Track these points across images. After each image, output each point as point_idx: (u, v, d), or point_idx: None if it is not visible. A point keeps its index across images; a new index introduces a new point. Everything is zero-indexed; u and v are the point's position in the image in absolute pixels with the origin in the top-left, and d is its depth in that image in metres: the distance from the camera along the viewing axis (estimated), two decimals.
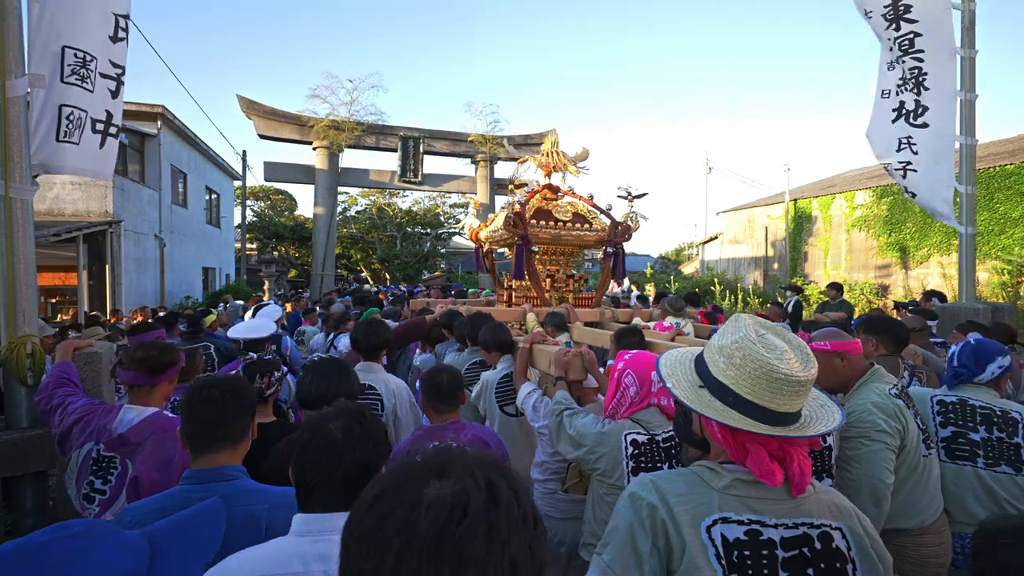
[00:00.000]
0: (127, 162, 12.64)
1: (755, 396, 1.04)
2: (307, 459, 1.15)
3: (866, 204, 18.12)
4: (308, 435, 1.18)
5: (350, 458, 1.15)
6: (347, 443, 1.16)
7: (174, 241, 14.59)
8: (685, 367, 1.19)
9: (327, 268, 15.93)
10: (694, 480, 1.09)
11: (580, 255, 5.47)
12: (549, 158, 5.06)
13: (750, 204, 23.86)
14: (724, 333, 1.14)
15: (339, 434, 1.17)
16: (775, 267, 21.83)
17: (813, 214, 20.62)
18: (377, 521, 0.55)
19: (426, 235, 31.11)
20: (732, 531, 1.01)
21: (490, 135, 16.22)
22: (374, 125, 15.53)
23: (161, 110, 13.15)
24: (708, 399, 1.09)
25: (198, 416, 1.44)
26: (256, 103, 14.63)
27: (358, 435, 1.18)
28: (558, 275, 5.05)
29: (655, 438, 1.86)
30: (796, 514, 1.04)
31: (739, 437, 1.06)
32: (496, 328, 3.08)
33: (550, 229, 4.74)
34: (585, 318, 4.42)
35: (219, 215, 19.38)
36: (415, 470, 0.60)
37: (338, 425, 1.18)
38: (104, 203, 10.93)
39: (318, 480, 1.14)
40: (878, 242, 17.33)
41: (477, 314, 3.59)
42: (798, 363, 1.06)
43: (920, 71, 5.34)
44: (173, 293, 14.34)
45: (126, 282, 11.47)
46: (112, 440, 1.82)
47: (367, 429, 1.21)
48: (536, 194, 4.92)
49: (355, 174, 16.44)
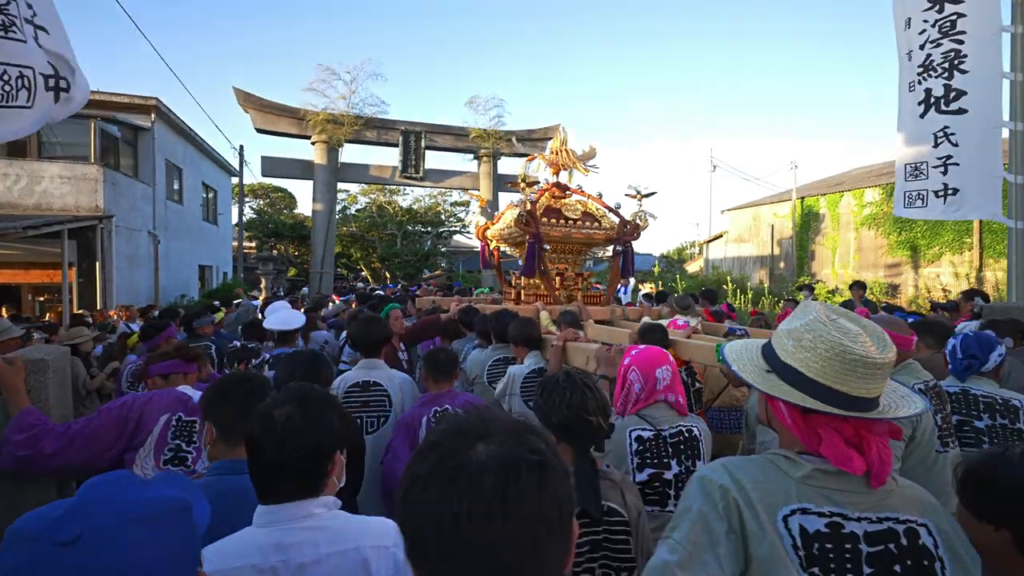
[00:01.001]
0: (119, 156, 12.27)
1: (826, 378, 1.01)
2: (254, 449, 1.14)
3: (875, 202, 18.08)
4: (255, 424, 1.16)
5: (291, 444, 1.11)
6: (288, 429, 1.13)
7: (169, 238, 14.21)
8: (751, 353, 1.17)
9: (326, 267, 15.54)
10: (769, 468, 1.05)
11: (587, 253, 5.47)
12: (557, 156, 5.01)
13: (756, 202, 23.73)
14: (792, 318, 1.11)
15: (280, 420, 1.14)
16: (781, 266, 21.69)
17: (821, 212, 20.57)
18: (440, 489, 0.59)
19: (427, 234, 30.91)
20: (812, 523, 0.97)
21: (493, 130, 15.82)
22: (374, 119, 15.14)
23: (155, 103, 12.77)
24: (776, 382, 1.07)
25: (239, 408, 1.44)
26: (253, 96, 14.24)
27: (299, 421, 1.14)
28: (567, 273, 5.03)
29: (661, 433, 1.87)
30: (880, 508, 1.00)
31: (811, 422, 1.03)
32: (526, 323, 3.12)
33: (560, 227, 4.71)
34: (596, 316, 4.42)
35: (216, 212, 18.99)
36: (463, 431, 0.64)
37: (283, 412, 1.15)
38: (94, 197, 10.55)
39: (267, 470, 1.12)
40: (888, 240, 17.13)
41: (503, 311, 3.61)
42: (874, 346, 1.02)
43: (958, 53, 4.97)
44: (168, 291, 13.96)
45: (118, 280, 11.10)
46: (193, 407, 1.98)
47: (311, 413, 1.17)
48: (545, 192, 4.90)
49: (355, 170, 16.03)
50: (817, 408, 1.00)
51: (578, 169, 5.03)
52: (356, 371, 2.68)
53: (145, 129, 12.95)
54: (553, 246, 4.86)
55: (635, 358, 1.97)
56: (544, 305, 4.46)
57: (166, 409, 1.97)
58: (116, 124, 12.06)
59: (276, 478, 1.12)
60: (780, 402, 1.06)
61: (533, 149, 16.98)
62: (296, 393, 1.22)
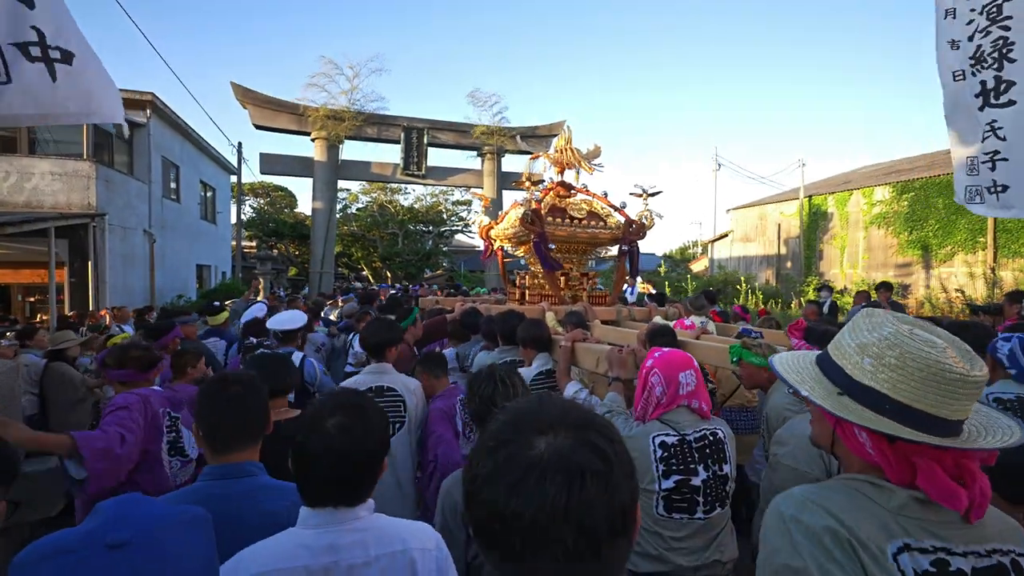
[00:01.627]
0: (113, 152, 11.92)
1: (922, 402, 0.87)
2: (306, 458, 1.15)
3: (885, 200, 18.04)
4: (306, 433, 1.17)
5: (345, 453, 1.14)
6: (341, 438, 1.15)
7: (165, 237, 13.86)
8: (809, 369, 1.04)
9: (326, 266, 15.18)
10: (857, 497, 0.91)
11: (592, 253, 5.39)
12: (562, 154, 4.94)
13: (762, 201, 23.58)
14: (859, 329, 0.97)
15: (336, 432, 1.15)
16: (788, 266, 21.50)
17: (829, 211, 20.62)
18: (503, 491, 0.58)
19: (428, 233, 30.72)
20: (919, 561, 0.84)
21: (497, 126, 15.43)
22: (375, 115, 14.77)
23: (151, 97, 12.42)
24: (853, 407, 0.93)
25: (221, 413, 1.42)
26: (251, 91, 13.87)
27: (351, 429, 1.17)
28: (572, 273, 4.99)
29: (686, 438, 1.81)
30: (983, 540, 0.88)
31: (901, 451, 0.89)
32: (534, 325, 3.04)
33: (566, 227, 4.67)
34: (601, 316, 4.37)
35: (215, 210, 18.65)
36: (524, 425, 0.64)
37: (336, 423, 1.16)
38: (86, 195, 10.20)
39: (320, 478, 1.14)
40: (898, 240, 16.92)
41: (509, 312, 3.54)
42: (963, 361, 0.89)
43: (1006, 41, 4.60)
44: (164, 291, 13.62)
45: (111, 280, 10.76)
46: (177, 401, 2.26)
47: (362, 420, 1.19)
48: (550, 191, 4.86)
49: (356, 167, 15.67)
50: (916, 439, 0.86)
51: (583, 168, 4.96)
52: (367, 375, 2.59)
53: (140, 125, 12.61)
54: (558, 246, 4.81)
55: (657, 361, 1.88)
56: (550, 305, 4.43)
57: (161, 405, 2.19)
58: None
59: (328, 485, 1.14)
60: (856, 428, 0.92)
61: (538, 146, 16.62)
62: (345, 400, 1.23)
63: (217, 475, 1.38)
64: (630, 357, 2.26)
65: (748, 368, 2.39)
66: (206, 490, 1.35)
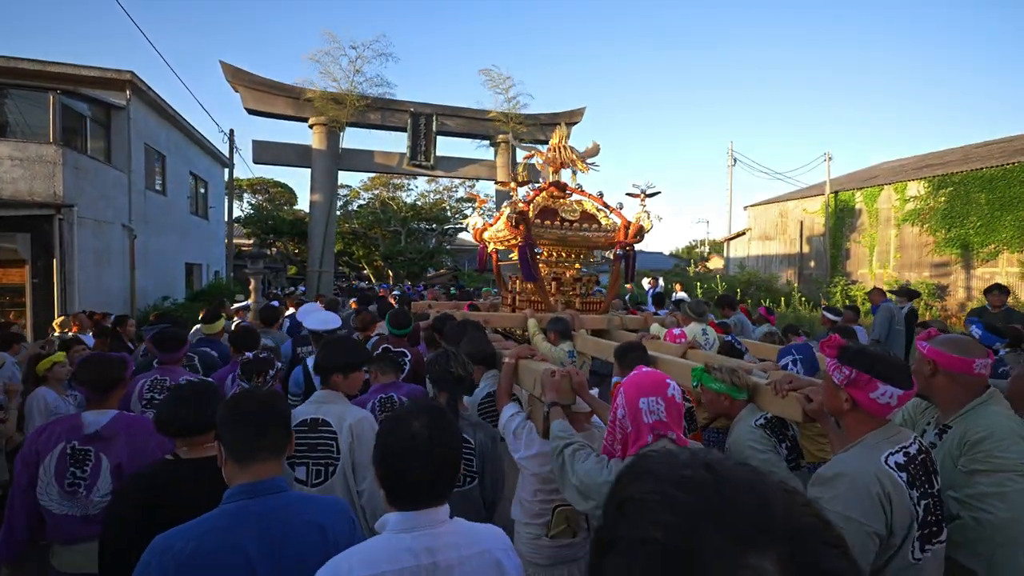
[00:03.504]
0: (88, 137, 10.67)
1: None
2: (393, 461, 1.18)
3: (920, 196, 17.45)
4: (391, 437, 1.21)
5: (436, 455, 1.18)
6: (430, 442, 1.18)
7: (149, 232, 12.60)
8: None
9: (325, 264, 13.85)
10: None
11: (590, 256, 5.25)
12: (556, 153, 4.80)
13: (783, 197, 22.93)
14: None
15: (426, 432, 1.19)
16: (811, 265, 20.65)
17: (856, 207, 20.17)
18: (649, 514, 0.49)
19: (431, 231, 30.08)
20: None
21: (512, 112, 14.11)
22: (379, 99, 13.43)
23: (130, 77, 11.15)
24: None
25: (248, 427, 1.40)
26: (243, 71, 12.56)
27: (438, 433, 1.21)
28: (565, 278, 4.83)
29: None
30: None
31: None
32: (477, 338, 2.85)
33: (555, 229, 4.50)
34: (592, 325, 4.23)
35: (207, 205, 17.38)
36: None
37: (421, 424, 1.21)
38: (51, 183, 8.95)
39: (408, 481, 1.17)
40: (934, 238, 16.13)
41: (464, 321, 3.41)
42: None
43: None
44: (147, 292, 12.37)
45: (82, 279, 9.50)
46: (87, 436, 2.10)
47: (444, 424, 1.24)
48: (542, 191, 4.68)
49: (358, 156, 14.27)
50: None
51: (578, 167, 4.78)
52: (306, 404, 2.31)
53: (119, 108, 11.35)
54: (548, 249, 4.67)
55: (626, 382, 1.68)
56: (533, 312, 4.29)
57: (60, 438, 2.09)
58: (85, 101, 10.46)
59: (420, 487, 1.17)
60: None
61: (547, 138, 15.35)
62: (426, 406, 1.28)
63: (247, 493, 1.32)
64: (564, 380, 2.10)
65: (708, 394, 2.23)
66: (237, 510, 1.30)
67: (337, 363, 2.31)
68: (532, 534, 2.11)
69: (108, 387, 2.18)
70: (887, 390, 1.44)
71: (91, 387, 2.16)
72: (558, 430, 1.87)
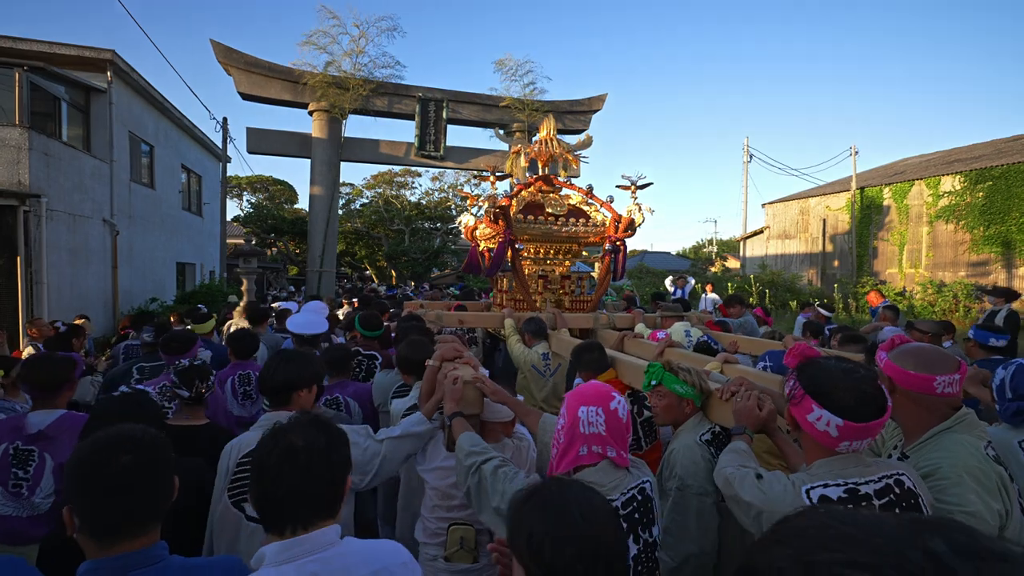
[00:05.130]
0: (63, 122, 9.62)
1: None
2: (269, 478, 1.08)
3: (956, 191, 16.76)
4: (268, 452, 1.11)
5: (314, 472, 1.09)
6: (309, 458, 1.09)
7: (134, 228, 11.53)
8: None
9: (327, 264, 12.73)
10: None
11: (576, 253, 5.08)
12: (545, 146, 4.75)
13: (804, 194, 22.04)
14: None
15: (301, 444, 1.10)
16: (835, 264, 19.76)
17: (884, 204, 19.40)
18: None
19: (436, 230, 29.29)
20: None
21: (529, 99, 12.99)
22: (386, 84, 12.30)
23: (111, 56, 10.09)
24: None
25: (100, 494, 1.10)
26: (236, 51, 11.47)
27: (323, 446, 1.12)
28: (552, 275, 4.75)
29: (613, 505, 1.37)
30: None
31: None
32: (412, 344, 2.60)
33: (539, 225, 4.47)
34: (576, 324, 4.23)
35: (200, 201, 16.32)
36: None
37: (298, 438, 1.11)
38: (15, 170, 7.88)
39: (285, 501, 1.07)
40: (972, 235, 15.17)
41: (408, 320, 3.49)
42: None
43: None
44: (133, 293, 11.30)
45: (53, 279, 8.44)
46: (30, 436, 2.11)
47: (324, 439, 1.14)
48: (529, 186, 4.64)
49: (361, 146, 13.12)
50: None
51: (569, 161, 4.72)
52: (251, 431, 1.93)
53: (100, 91, 10.29)
54: (534, 246, 4.63)
55: (569, 392, 1.56)
56: (512, 311, 4.25)
57: (1, 439, 2.09)
58: (61, 82, 9.41)
59: (299, 506, 1.07)
60: None
61: (575, 123, 14.32)
62: (303, 420, 1.18)
63: (109, 571, 1.06)
64: (471, 390, 1.92)
65: (667, 398, 1.96)
66: None
67: (299, 381, 2.00)
68: (430, 555, 1.94)
69: (56, 387, 2.21)
70: (823, 415, 1.28)
71: (40, 387, 2.19)
72: (469, 444, 1.69)
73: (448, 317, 4.54)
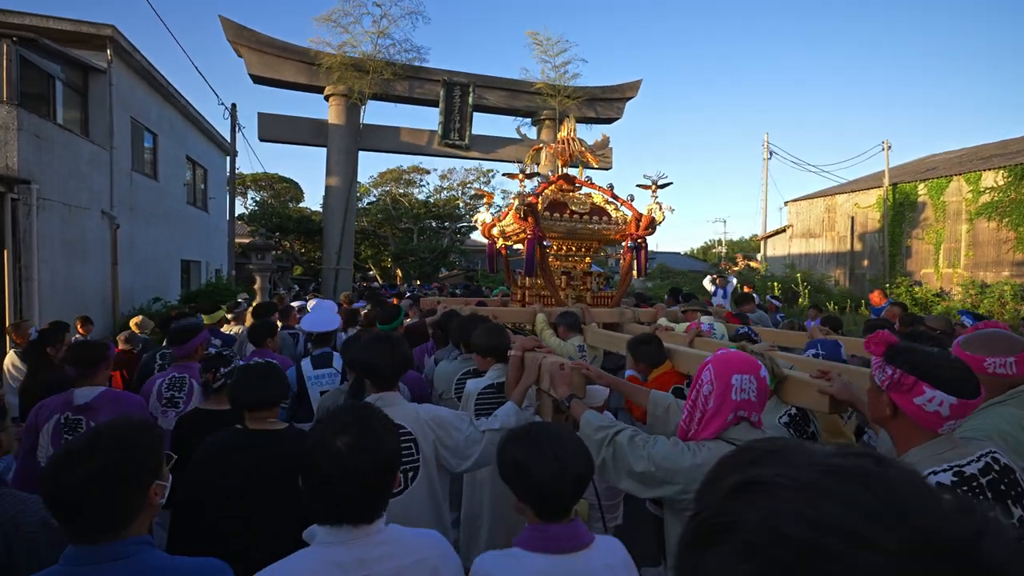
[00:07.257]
0: (58, 103, 8.72)
1: None
2: (317, 478, 1.12)
3: (998, 187, 15.89)
4: (316, 454, 1.13)
5: (363, 475, 1.12)
6: (356, 459, 1.12)
7: (136, 221, 10.63)
8: None
9: (343, 261, 11.78)
10: None
11: (598, 250, 5.15)
12: (565, 146, 4.80)
13: (830, 191, 21.11)
14: None
15: (346, 450, 1.12)
16: (864, 264, 19.02)
17: (918, 201, 18.00)
18: None
19: (444, 230, 28.63)
20: None
21: (560, 84, 12.07)
22: (407, 67, 11.38)
23: (111, 32, 9.19)
24: None
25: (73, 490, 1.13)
26: (248, 30, 10.55)
27: (368, 448, 1.14)
28: (575, 272, 4.82)
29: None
30: None
31: None
32: (491, 330, 2.70)
33: (564, 222, 4.51)
34: (603, 319, 4.26)
35: (207, 196, 15.43)
36: None
37: (345, 441, 1.13)
38: (2, 153, 6.98)
39: (334, 498, 1.11)
40: (1016, 233, 14.49)
41: (472, 316, 3.44)
42: None
43: None
44: (134, 292, 10.40)
45: (46, 275, 7.54)
46: (78, 407, 2.45)
47: (377, 439, 1.16)
48: (551, 184, 4.70)
49: (381, 134, 12.15)
50: None
51: (589, 160, 4.78)
52: None
53: (99, 71, 9.40)
54: (559, 243, 4.67)
55: (714, 358, 1.63)
56: (542, 306, 4.27)
57: (54, 412, 2.45)
58: (56, 60, 8.51)
59: (343, 504, 1.12)
60: None
61: (608, 110, 13.42)
62: (353, 417, 1.19)
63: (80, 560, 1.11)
64: (576, 375, 2.05)
65: None
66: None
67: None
68: None
69: (94, 364, 2.56)
70: (936, 396, 1.26)
71: (80, 364, 2.54)
72: (597, 421, 1.78)
73: (481, 312, 4.44)
